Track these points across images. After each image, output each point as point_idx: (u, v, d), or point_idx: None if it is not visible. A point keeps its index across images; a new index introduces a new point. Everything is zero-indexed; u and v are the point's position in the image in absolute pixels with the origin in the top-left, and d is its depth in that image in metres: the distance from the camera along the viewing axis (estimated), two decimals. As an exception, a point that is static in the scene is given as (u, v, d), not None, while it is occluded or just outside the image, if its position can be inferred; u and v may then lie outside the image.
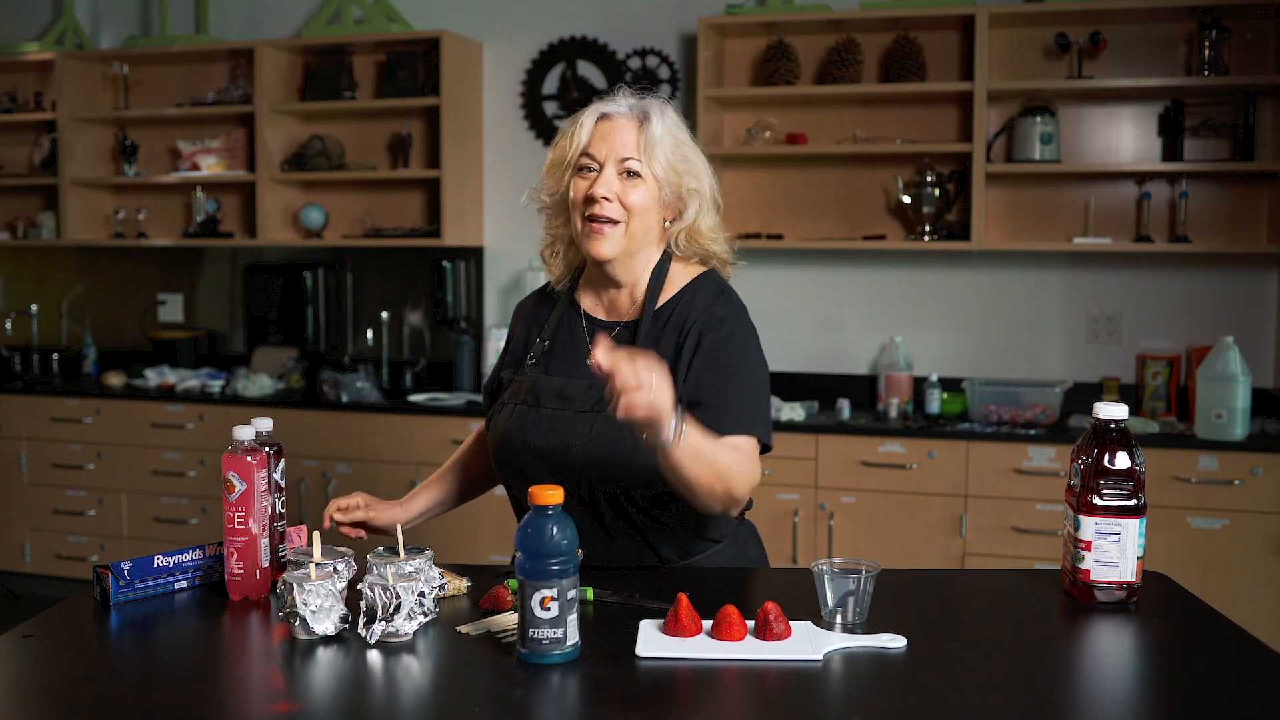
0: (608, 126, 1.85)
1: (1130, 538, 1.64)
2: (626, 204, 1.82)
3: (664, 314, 1.88)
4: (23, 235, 5.12)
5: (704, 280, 1.92)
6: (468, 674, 1.42)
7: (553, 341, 1.94)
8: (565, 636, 1.42)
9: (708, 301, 1.87)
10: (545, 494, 1.43)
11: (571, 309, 1.97)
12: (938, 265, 4.27)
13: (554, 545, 1.41)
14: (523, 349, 1.98)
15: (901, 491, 3.79)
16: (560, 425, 1.83)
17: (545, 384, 1.89)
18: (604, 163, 1.83)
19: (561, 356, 1.92)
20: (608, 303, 1.94)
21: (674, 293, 1.90)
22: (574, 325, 1.95)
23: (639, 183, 1.83)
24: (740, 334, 1.86)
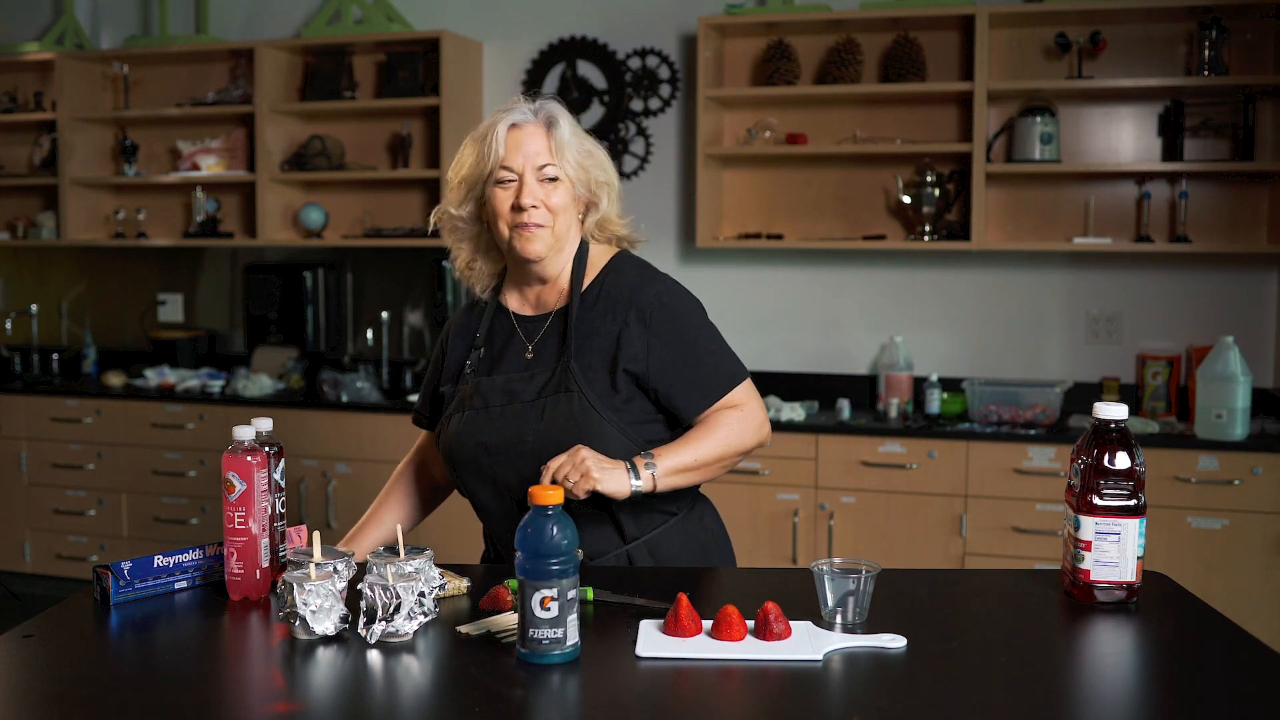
0: (519, 135, 1.90)
1: (1130, 538, 1.64)
2: (550, 207, 1.89)
3: (590, 295, 1.95)
4: (23, 235, 5.12)
5: (622, 259, 1.99)
6: (468, 674, 1.42)
7: (487, 347, 2.00)
8: (565, 636, 1.42)
9: (634, 279, 1.94)
10: (545, 494, 1.43)
11: (500, 313, 2.02)
12: (938, 265, 4.27)
13: (554, 545, 1.41)
14: (458, 363, 2.02)
15: (901, 491, 3.79)
16: (510, 419, 1.88)
17: (488, 385, 1.93)
18: (522, 172, 1.89)
19: (498, 358, 1.98)
20: (534, 299, 2.00)
21: (595, 274, 1.97)
22: (505, 326, 2.00)
23: (557, 185, 1.90)
24: (676, 300, 1.94)
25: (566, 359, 1.89)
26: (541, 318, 1.98)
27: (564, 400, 1.86)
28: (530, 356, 1.95)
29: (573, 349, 1.89)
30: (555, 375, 1.89)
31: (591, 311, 1.93)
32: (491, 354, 1.99)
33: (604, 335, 1.90)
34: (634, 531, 1.90)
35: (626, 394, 1.88)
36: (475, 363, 1.99)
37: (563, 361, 1.89)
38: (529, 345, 1.96)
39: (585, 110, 4.55)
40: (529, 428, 1.87)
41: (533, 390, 1.89)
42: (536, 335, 1.97)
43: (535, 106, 1.93)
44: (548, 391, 1.88)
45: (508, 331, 1.99)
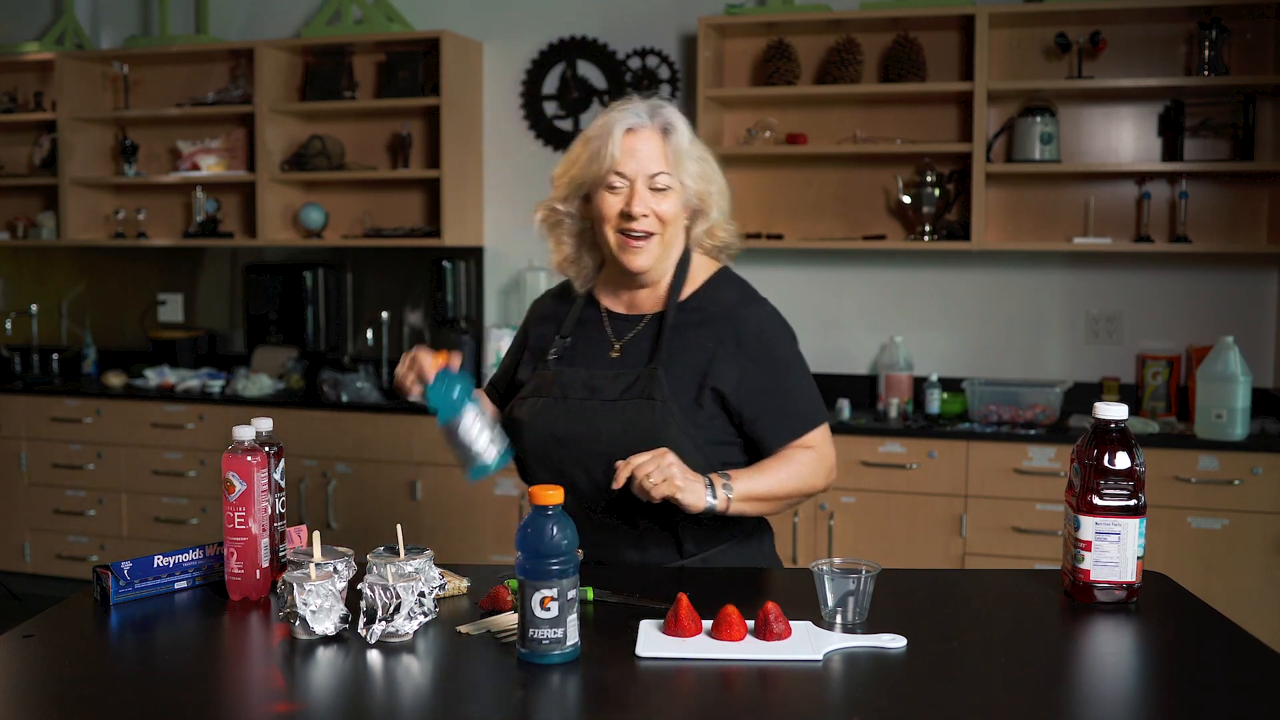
0: (634, 140, 1.87)
1: (1130, 538, 1.64)
2: (659, 215, 1.88)
3: (688, 307, 1.94)
4: (23, 235, 5.12)
5: (725, 276, 2.00)
6: (468, 674, 1.42)
7: (574, 337, 1.98)
8: (565, 636, 1.42)
9: (735, 298, 1.95)
10: (545, 494, 1.43)
11: (590, 305, 2.01)
12: (938, 265, 4.27)
13: (554, 545, 1.41)
14: (540, 348, 2.00)
15: (901, 491, 3.79)
16: (588, 415, 1.87)
17: (570, 375, 1.92)
18: (634, 179, 1.86)
19: (583, 351, 1.96)
20: (629, 298, 1.98)
21: (695, 287, 1.96)
22: (594, 321, 1.99)
23: (668, 194, 1.88)
24: (775, 327, 1.96)
25: (655, 365, 1.87)
26: (633, 318, 1.97)
27: (646, 406, 1.84)
28: (616, 355, 1.94)
29: (663, 357, 1.88)
30: (640, 380, 1.87)
31: (688, 323, 1.92)
32: (576, 345, 1.98)
33: (697, 349, 1.89)
34: (692, 548, 1.89)
35: (710, 412, 1.88)
36: (560, 350, 1.97)
37: (651, 367, 1.88)
38: (616, 343, 1.95)
39: (585, 110, 4.55)
40: (605, 427, 1.85)
41: (615, 390, 1.88)
42: (626, 335, 1.96)
43: (650, 109, 1.90)
44: (630, 394, 1.86)
45: (596, 325, 1.99)
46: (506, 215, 4.68)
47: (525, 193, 4.65)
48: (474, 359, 4.55)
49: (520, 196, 4.66)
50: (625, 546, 1.89)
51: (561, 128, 4.59)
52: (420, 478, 4.22)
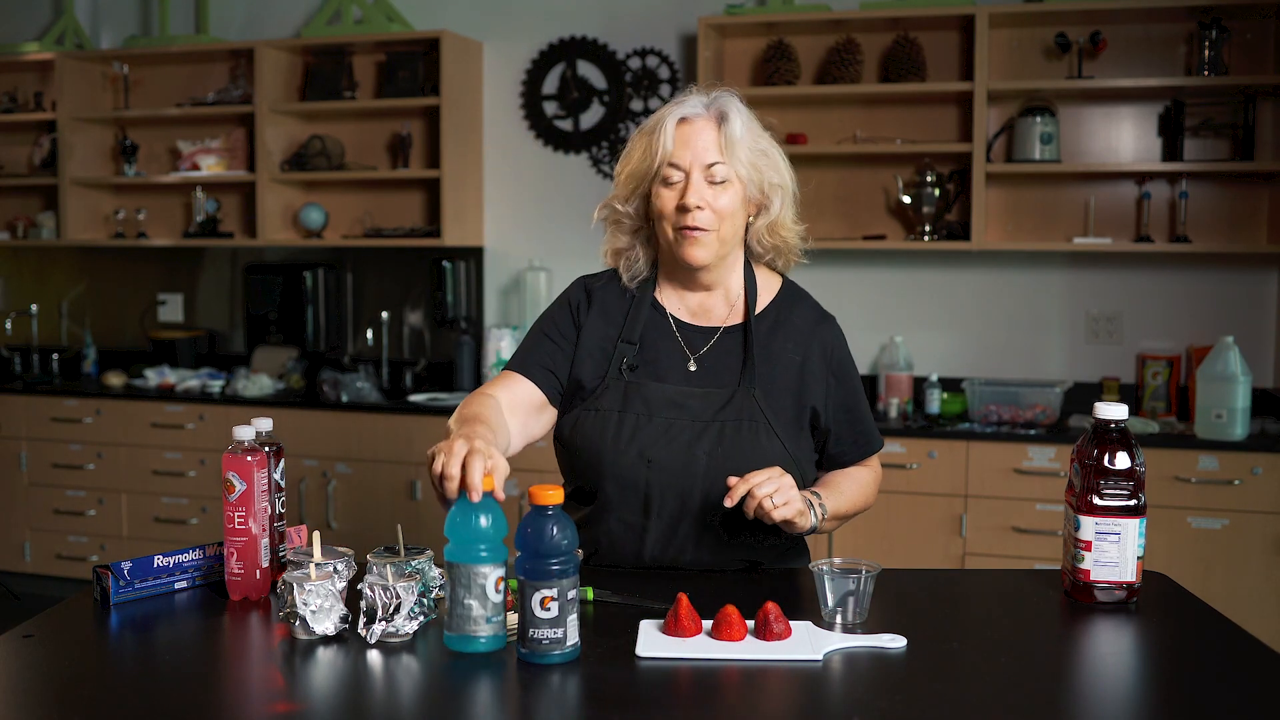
0: (688, 130, 1.82)
1: (1130, 538, 1.64)
2: (716, 209, 1.81)
3: (765, 320, 1.91)
4: (23, 235, 5.12)
5: (794, 290, 1.99)
6: (468, 674, 1.42)
7: (641, 346, 1.89)
8: (565, 636, 1.41)
9: (813, 313, 1.96)
10: (545, 493, 1.43)
11: (656, 312, 1.92)
12: (938, 265, 4.27)
13: (554, 545, 1.41)
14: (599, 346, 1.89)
15: (901, 491, 3.79)
16: (679, 435, 1.81)
17: (654, 391, 1.84)
18: (689, 170, 1.80)
19: (656, 362, 1.88)
20: (695, 305, 1.92)
21: (768, 299, 1.94)
22: (663, 329, 1.91)
23: (726, 186, 1.82)
24: (847, 349, 1.98)
25: (750, 385, 1.84)
26: (706, 330, 1.90)
27: (748, 429, 1.81)
28: (693, 369, 1.88)
29: (755, 375, 1.85)
30: (735, 399, 1.83)
31: (769, 338, 1.88)
32: (645, 353, 1.88)
33: (786, 365, 1.87)
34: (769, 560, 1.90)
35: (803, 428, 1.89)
36: (633, 360, 1.88)
37: (744, 386, 1.84)
38: (691, 357, 1.89)
39: (585, 110, 4.55)
40: (702, 449, 1.79)
41: (707, 410, 1.82)
42: (700, 348, 1.89)
43: (708, 100, 1.85)
44: (727, 416, 1.81)
45: (665, 334, 1.90)
46: (506, 215, 4.68)
47: (525, 193, 4.65)
48: (474, 359, 4.55)
49: (520, 196, 4.66)
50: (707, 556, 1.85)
51: (561, 128, 4.59)
52: (420, 478, 4.22)
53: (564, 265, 4.53)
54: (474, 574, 1.41)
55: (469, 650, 1.43)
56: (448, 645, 1.45)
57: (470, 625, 1.42)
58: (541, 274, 4.51)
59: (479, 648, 1.43)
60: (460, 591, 1.42)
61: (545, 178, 4.61)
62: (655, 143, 1.82)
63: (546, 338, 1.93)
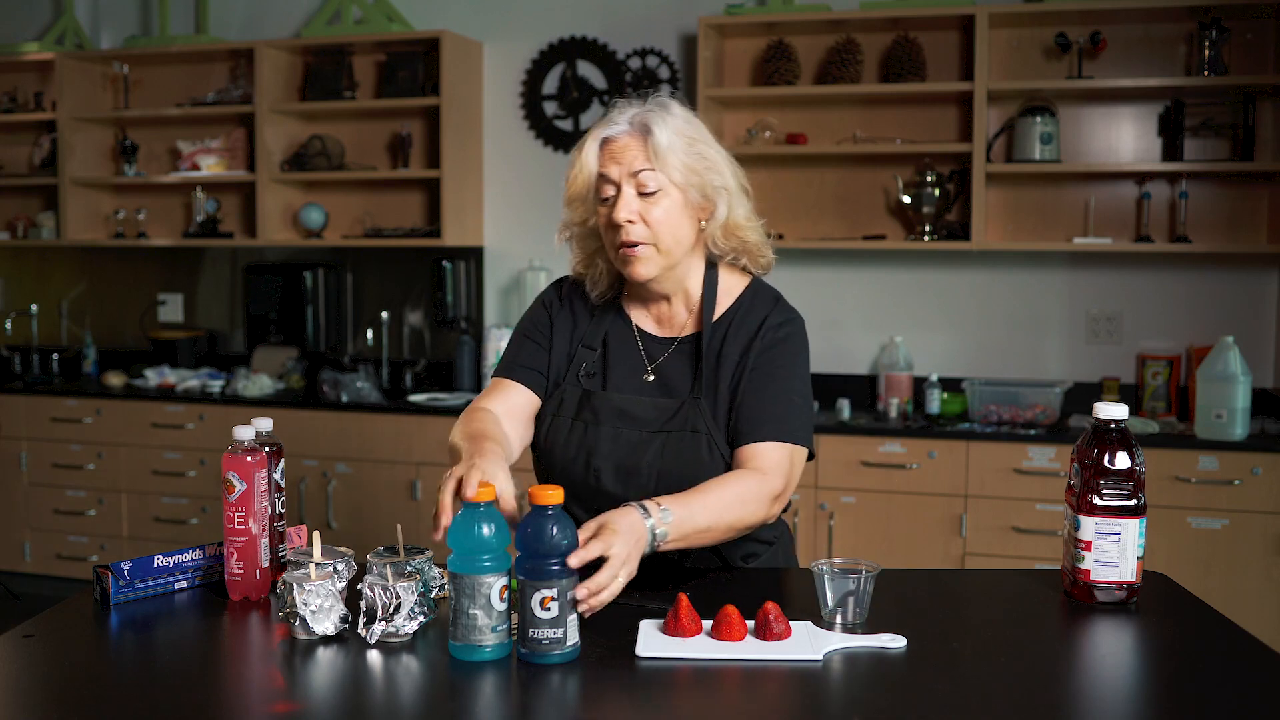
0: (613, 148, 1.79)
1: (1130, 538, 1.64)
2: (650, 221, 1.78)
3: (722, 325, 1.87)
4: (23, 235, 5.12)
5: (758, 287, 1.91)
6: (467, 674, 1.42)
7: (604, 354, 1.90)
8: (565, 636, 1.42)
9: (767, 308, 1.87)
10: (545, 494, 1.43)
11: (621, 320, 1.93)
12: (938, 265, 4.27)
13: (554, 545, 1.42)
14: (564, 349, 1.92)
15: (901, 491, 3.79)
16: (625, 444, 1.80)
17: (601, 400, 1.85)
18: (620, 183, 1.78)
19: (616, 371, 1.88)
20: (657, 315, 1.92)
21: (730, 303, 1.89)
22: (626, 339, 1.91)
23: (660, 196, 1.78)
24: (793, 345, 1.86)
25: (697, 395, 1.82)
26: (666, 340, 1.90)
27: (690, 440, 1.79)
28: (650, 379, 1.87)
29: (703, 385, 1.82)
30: (682, 410, 1.81)
31: (722, 344, 1.85)
32: (606, 363, 1.89)
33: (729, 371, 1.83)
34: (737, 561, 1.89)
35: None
36: (590, 368, 1.88)
37: (692, 397, 1.82)
38: (649, 366, 1.88)
39: (585, 110, 4.55)
40: (645, 459, 1.79)
41: (654, 420, 1.82)
42: (659, 357, 1.88)
43: (631, 114, 1.81)
44: (672, 426, 1.80)
45: (628, 344, 1.90)
46: (506, 215, 4.68)
47: (525, 193, 4.65)
48: (474, 359, 4.55)
49: (520, 196, 4.66)
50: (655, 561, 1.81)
51: (561, 128, 4.59)
52: (420, 478, 4.22)
53: (564, 265, 4.49)
54: (478, 584, 1.41)
55: (475, 659, 1.42)
56: (454, 655, 1.44)
57: (475, 635, 1.42)
58: (541, 274, 4.51)
59: (484, 656, 1.43)
60: (465, 601, 1.42)
61: (545, 178, 4.61)
62: (582, 166, 1.81)
63: (528, 339, 1.94)
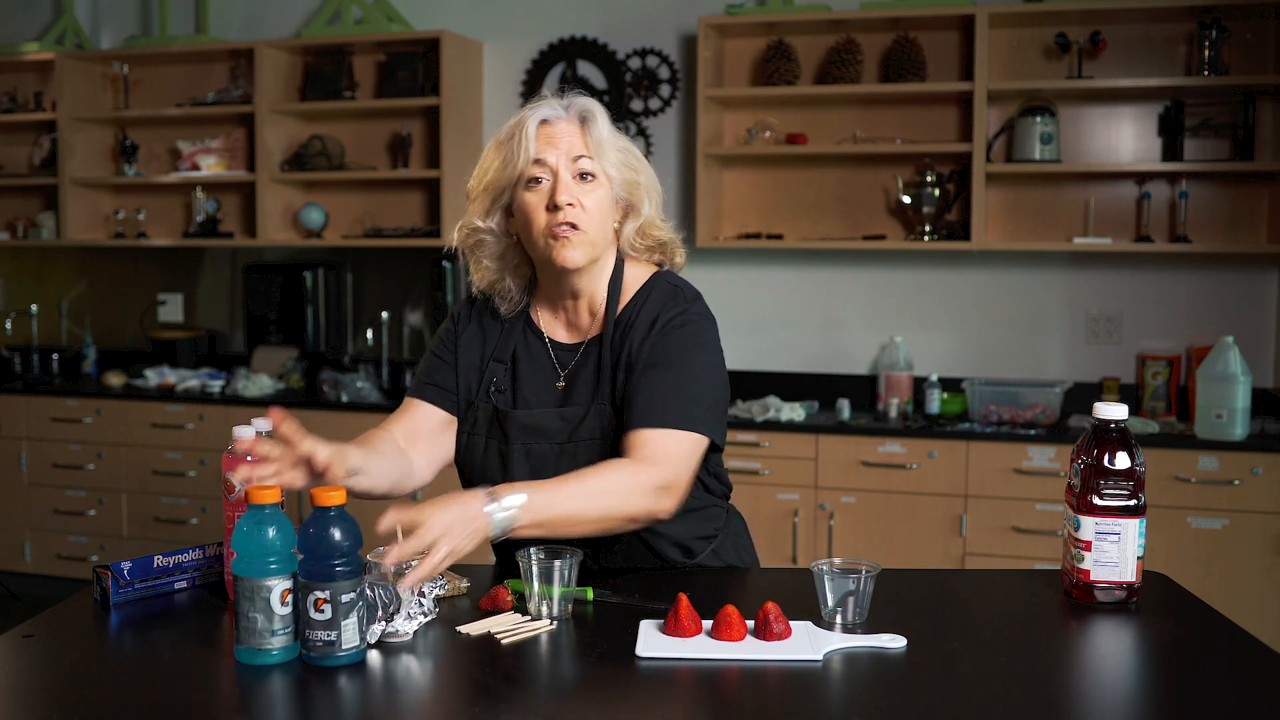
0: (550, 131, 1.75)
1: (1130, 538, 1.64)
2: (586, 207, 1.73)
3: (624, 321, 1.80)
4: (23, 235, 5.12)
5: (658, 280, 1.83)
6: (468, 674, 1.42)
7: (513, 368, 1.85)
8: (340, 640, 1.40)
9: (661, 302, 1.79)
10: (327, 495, 1.42)
11: (530, 331, 1.87)
12: (938, 265, 4.27)
13: (332, 546, 1.40)
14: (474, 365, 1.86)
15: (901, 491, 3.79)
16: (537, 459, 1.76)
17: (510, 419, 1.80)
18: (556, 168, 1.73)
19: (526, 384, 1.83)
20: (565, 320, 1.86)
21: (630, 297, 1.82)
22: (534, 350, 1.86)
23: (595, 185, 1.76)
24: (690, 330, 1.77)
25: (601, 401, 1.77)
26: (574, 346, 1.84)
27: (599, 448, 1.75)
28: (561, 386, 1.82)
29: (606, 390, 1.77)
30: (589, 417, 1.77)
31: (622, 344, 1.79)
32: (516, 376, 1.84)
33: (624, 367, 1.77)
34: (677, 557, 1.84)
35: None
36: (499, 384, 1.84)
37: (597, 403, 1.77)
38: (560, 374, 1.83)
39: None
40: (555, 472, 1.70)
41: (562, 430, 1.77)
42: (569, 364, 1.83)
43: (565, 102, 1.79)
44: (580, 435, 1.76)
45: (537, 354, 1.85)
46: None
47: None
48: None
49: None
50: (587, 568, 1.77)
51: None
52: (420, 478, 4.22)
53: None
54: (258, 587, 1.39)
55: (259, 663, 1.41)
56: (239, 659, 1.42)
57: (256, 638, 1.40)
58: (541, 274, 4.51)
59: (270, 660, 1.41)
60: (245, 604, 1.40)
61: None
62: (516, 148, 1.75)
63: (436, 357, 1.89)
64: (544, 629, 1.54)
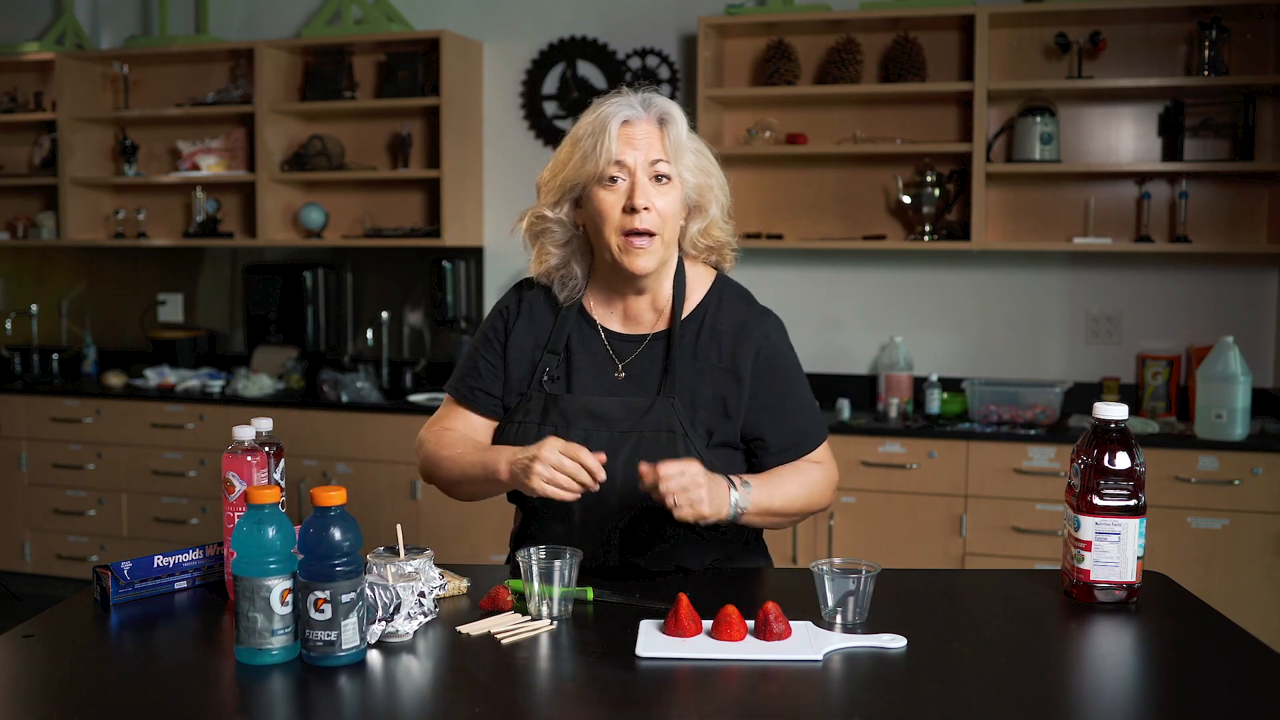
0: (631, 131, 1.79)
1: (1130, 538, 1.64)
2: (660, 211, 1.78)
3: (692, 324, 1.86)
4: (23, 235, 5.12)
5: (725, 286, 1.91)
6: (468, 674, 1.42)
7: (569, 357, 1.87)
8: (340, 640, 1.40)
9: (742, 314, 1.87)
10: (327, 495, 1.42)
11: (584, 321, 1.89)
12: (938, 265, 4.27)
13: (332, 547, 1.41)
14: (526, 356, 1.89)
15: (901, 491, 3.79)
16: (598, 445, 1.77)
17: (572, 404, 1.83)
18: (634, 170, 1.77)
19: (582, 372, 1.86)
20: (623, 313, 1.89)
21: (697, 300, 1.88)
22: (589, 338, 1.88)
23: (670, 187, 1.79)
24: (782, 341, 1.90)
25: (670, 395, 1.80)
26: (634, 338, 1.87)
27: (665, 440, 1.78)
28: (621, 377, 1.85)
29: (675, 383, 1.81)
30: (654, 409, 1.80)
31: (695, 344, 1.84)
32: (571, 365, 1.86)
33: (709, 372, 1.83)
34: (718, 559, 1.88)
35: (726, 437, 1.83)
36: (555, 371, 1.86)
37: (664, 396, 1.81)
38: (619, 365, 1.86)
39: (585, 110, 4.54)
40: (619, 459, 1.76)
41: (625, 419, 1.80)
42: (629, 355, 1.86)
43: (644, 100, 1.82)
44: (645, 425, 1.79)
45: (593, 344, 1.87)
46: (506, 215, 4.68)
47: (525, 193, 4.65)
48: (474, 359, 4.55)
49: (520, 196, 4.66)
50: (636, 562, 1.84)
51: (561, 128, 4.59)
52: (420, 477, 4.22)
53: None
54: (257, 586, 1.40)
55: (259, 663, 1.41)
56: (239, 659, 1.42)
57: (256, 638, 1.41)
58: (541, 274, 4.51)
59: (270, 660, 1.41)
60: (245, 604, 1.41)
61: (545, 178, 4.60)
62: (598, 147, 1.77)
63: (483, 358, 1.92)
64: (544, 629, 1.54)
